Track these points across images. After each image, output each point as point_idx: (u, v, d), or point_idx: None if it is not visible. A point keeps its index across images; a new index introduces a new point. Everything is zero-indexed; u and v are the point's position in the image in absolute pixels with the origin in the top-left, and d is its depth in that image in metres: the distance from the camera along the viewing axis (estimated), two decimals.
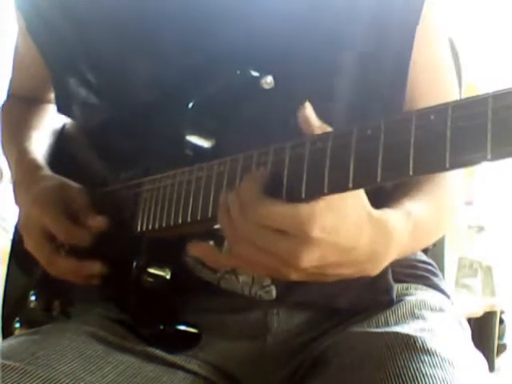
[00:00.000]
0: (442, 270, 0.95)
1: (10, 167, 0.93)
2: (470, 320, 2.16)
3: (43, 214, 0.76)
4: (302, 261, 0.57)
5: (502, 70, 2.52)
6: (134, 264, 0.76)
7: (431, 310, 0.79)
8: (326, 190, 0.56)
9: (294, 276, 0.60)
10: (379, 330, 0.74)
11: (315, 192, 0.57)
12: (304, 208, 0.57)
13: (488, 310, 2.39)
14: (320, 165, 0.56)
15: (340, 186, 0.55)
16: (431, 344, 0.68)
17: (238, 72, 0.71)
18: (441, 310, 0.80)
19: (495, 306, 2.44)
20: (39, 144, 0.91)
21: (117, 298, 0.79)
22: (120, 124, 0.81)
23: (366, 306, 0.78)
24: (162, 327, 0.76)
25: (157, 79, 0.78)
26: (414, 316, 0.76)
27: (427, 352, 0.67)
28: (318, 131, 0.59)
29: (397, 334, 0.71)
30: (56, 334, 0.74)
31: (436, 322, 0.76)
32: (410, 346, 0.68)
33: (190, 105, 0.73)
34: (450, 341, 0.73)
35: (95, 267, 0.75)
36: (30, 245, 0.79)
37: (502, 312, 2.51)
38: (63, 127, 0.97)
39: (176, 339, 0.76)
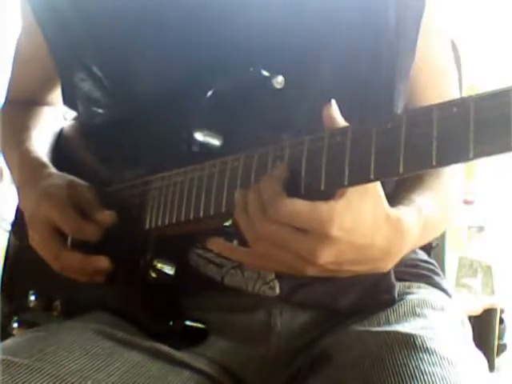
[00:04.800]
0: (442, 269, 0.95)
1: (11, 171, 0.92)
2: (469, 319, 2.16)
3: (51, 208, 0.76)
4: (319, 258, 0.59)
5: (502, 70, 2.52)
6: (142, 260, 0.76)
7: (433, 308, 0.79)
8: (346, 182, 0.57)
9: (311, 272, 0.61)
10: (380, 328, 0.74)
11: (335, 184, 0.58)
12: (324, 207, 0.58)
13: (488, 307, 2.39)
14: (340, 157, 0.57)
15: (361, 178, 0.56)
16: (431, 342, 0.69)
17: (250, 70, 0.71)
18: (442, 308, 0.80)
19: (495, 305, 2.44)
20: (40, 143, 0.91)
21: (122, 297, 0.79)
22: (124, 120, 0.81)
23: (368, 306, 0.78)
24: (171, 323, 0.76)
25: (164, 75, 0.77)
26: (415, 314, 0.77)
27: (426, 350, 0.68)
28: None
29: (397, 332, 0.71)
30: (63, 331, 0.74)
31: (437, 320, 0.76)
32: (410, 345, 0.69)
33: (199, 102, 0.73)
34: (451, 339, 0.73)
35: (102, 263, 0.75)
36: (35, 240, 0.78)
37: (502, 311, 2.51)
38: (62, 129, 0.97)
39: (184, 335, 0.77)
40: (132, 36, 0.79)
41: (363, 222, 0.60)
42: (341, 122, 0.60)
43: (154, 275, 0.76)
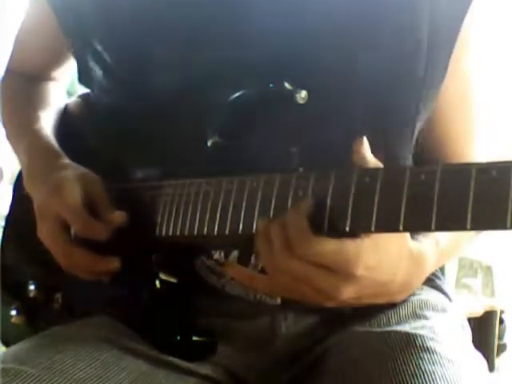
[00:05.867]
0: (442, 270, 0.95)
1: (15, 150, 0.90)
2: (470, 320, 2.15)
3: (61, 204, 0.74)
4: (341, 294, 0.59)
5: (501, 72, 2.52)
6: (149, 267, 0.75)
7: (433, 309, 0.79)
8: (373, 229, 0.55)
9: (330, 304, 0.61)
10: (380, 329, 0.75)
11: (361, 228, 0.56)
12: (351, 247, 0.57)
13: (488, 309, 2.39)
14: (367, 201, 0.55)
15: (389, 227, 0.54)
16: (431, 342, 0.70)
17: (271, 85, 0.69)
18: (443, 310, 0.80)
19: (495, 305, 2.44)
20: (49, 126, 0.88)
21: (127, 307, 0.78)
22: (134, 113, 0.79)
23: (371, 307, 0.78)
24: (178, 338, 0.75)
25: (181, 70, 0.75)
26: (415, 316, 0.77)
27: (427, 350, 0.68)
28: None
29: (397, 332, 0.72)
30: (69, 337, 0.74)
31: (437, 321, 0.77)
32: (410, 344, 0.69)
33: (216, 108, 0.71)
34: (451, 339, 0.74)
35: (113, 263, 0.73)
36: (44, 233, 0.77)
37: (502, 312, 2.51)
38: (66, 108, 0.94)
39: (193, 349, 0.76)
40: (146, 28, 0.76)
41: (387, 261, 0.60)
42: (371, 161, 0.59)
43: (159, 285, 0.75)
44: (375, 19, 0.72)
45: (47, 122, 0.89)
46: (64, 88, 1.01)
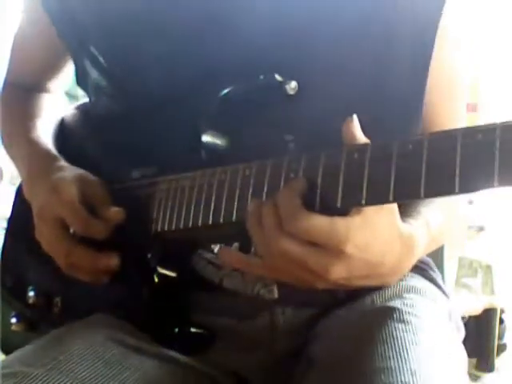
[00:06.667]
0: (441, 269, 0.95)
1: (14, 160, 0.90)
2: (469, 318, 2.16)
3: (60, 203, 0.74)
4: (331, 273, 0.59)
5: (502, 68, 2.52)
6: (147, 263, 0.75)
7: (421, 295, 0.79)
8: (363, 202, 0.56)
9: (321, 285, 0.62)
10: (364, 308, 0.76)
11: (352, 203, 0.57)
12: (341, 224, 0.57)
13: (488, 307, 2.39)
14: (357, 176, 0.56)
15: (379, 199, 0.55)
16: (408, 316, 0.71)
17: (262, 77, 0.70)
18: (432, 299, 0.81)
19: (495, 304, 2.44)
20: (46, 134, 0.89)
21: (126, 302, 0.78)
22: (131, 113, 0.79)
23: (357, 292, 0.78)
24: (176, 330, 0.75)
25: (173, 71, 0.75)
26: (401, 297, 0.77)
27: (402, 321, 0.70)
28: None
29: (377, 309, 0.74)
30: (72, 337, 0.73)
31: (422, 304, 0.77)
32: (388, 316, 0.71)
33: (209, 103, 0.72)
34: (431, 320, 0.74)
35: (113, 260, 0.74)
36: (43, 235, 0.77)
37: (502, 311, 2.51)
38: (63, 118, 0.95)
39: (191, 341, 0.76)
40: (140, 29, 0.77)
41: (377, 240, 0.60)
42: (361, 138, 0.60)
43: (157, 280, 0.75)
44: (360, 13, 0.73)
45: (44, 130, 0.90)
46: (59, 100, 1.02)
